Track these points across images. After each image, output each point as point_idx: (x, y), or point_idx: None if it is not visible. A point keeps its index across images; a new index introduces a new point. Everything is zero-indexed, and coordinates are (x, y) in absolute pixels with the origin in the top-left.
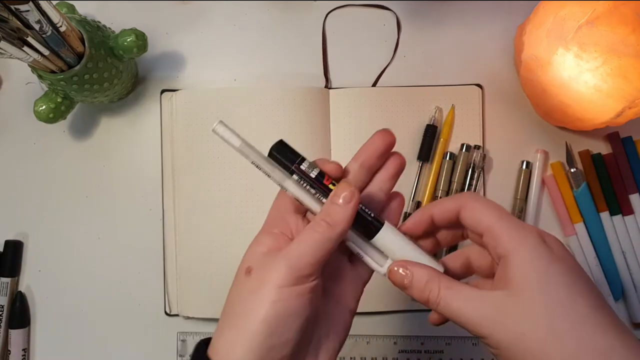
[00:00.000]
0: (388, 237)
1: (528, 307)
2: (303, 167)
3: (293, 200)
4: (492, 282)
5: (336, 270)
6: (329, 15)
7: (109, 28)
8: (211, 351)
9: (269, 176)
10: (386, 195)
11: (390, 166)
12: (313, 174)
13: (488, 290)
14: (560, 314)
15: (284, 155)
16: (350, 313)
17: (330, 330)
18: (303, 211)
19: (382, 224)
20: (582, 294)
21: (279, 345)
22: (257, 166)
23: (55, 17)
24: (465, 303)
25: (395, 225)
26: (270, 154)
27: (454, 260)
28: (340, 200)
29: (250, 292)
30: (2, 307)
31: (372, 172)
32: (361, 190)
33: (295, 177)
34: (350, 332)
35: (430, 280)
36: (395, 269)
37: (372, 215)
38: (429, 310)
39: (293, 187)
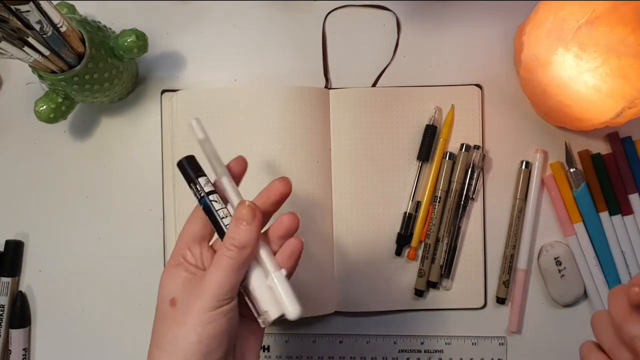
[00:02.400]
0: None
1: None
2: (202, 181)
3: (200, 228)
4: None
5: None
6: (329, 16)
7: (110, 28)
8: None
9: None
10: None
11: (280, 224)
12: (207, 189)
13: None
14: None
15: (191, 168)
16: (260, 330)
17: (249, 338)
18: (208, 238)
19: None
20: None
21: None
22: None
23: (55, 17)
24: None
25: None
26: (179, 164)
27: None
28: (244, 224)
29: (178, 322)
30: (3, 306)
31: (266, 216)
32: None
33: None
34: (350, 332)
35: None
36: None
37: None
38: (429, 310)
39: (227, 183)
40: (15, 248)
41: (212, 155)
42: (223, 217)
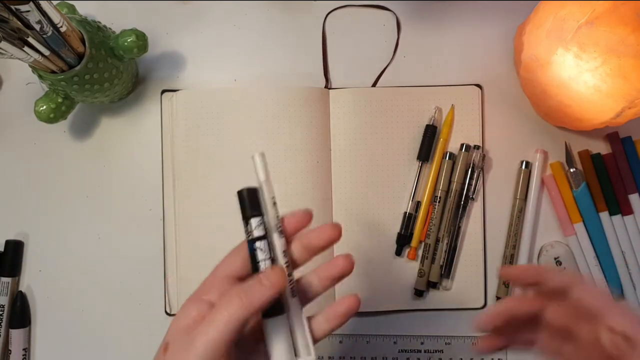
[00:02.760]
0: (279, 327)
1: None
2: (253, 222)
3: (241, 263)
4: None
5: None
6: (329, 16)
7: (110, 28)
8: None
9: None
10: (322, 290)
11: (336, 264)
12: (256, 233)
13: None
14: None
15: (250, 202)
16: None
17: None
18: (244, 277)
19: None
20: None
21: None
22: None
23: (55, 17)
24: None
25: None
26: (239, 194)
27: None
28: (266, 282)
29: None
30: (3, 306)
31: (310, 257)
32: (296, 266)
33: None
34: (350, 332)
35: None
36: None
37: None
38: (429, 310)
39: (277, 240)
40: (15, 248)
41: (269, 202)
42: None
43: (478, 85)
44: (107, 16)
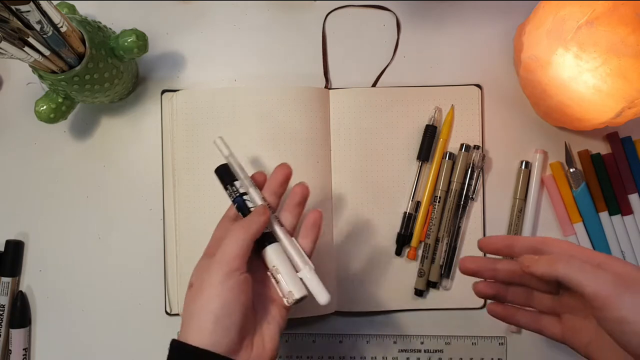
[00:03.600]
0: (274, 249)
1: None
2: (236, 184)
3: (229, 227)
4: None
5: (266, 279)
6: (329, 16)
7: (110, 28)
8: (184, 340)
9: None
10: (296, 218)
11: (295, 193)
12: (242, 190)
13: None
14: None
15: (226, 173)
16: (284, 307)
17: (270, 320)
18: None
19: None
20: None
21: (229, 325)
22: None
23: (56, 17)
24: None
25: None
26: (216, 170)
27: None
28: (256, 215)
29: (194, 298)
30: (3, 306)
31: (279, 196)
32: (273, 210)
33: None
34: (350, 332)
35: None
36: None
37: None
38: (429, 310)
39: (254, 195)
40: (15, 248)
41: (239, 168)
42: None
43: (478, 85)
44: (107, 16)
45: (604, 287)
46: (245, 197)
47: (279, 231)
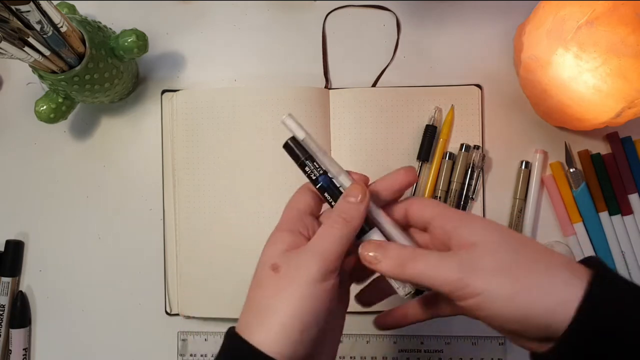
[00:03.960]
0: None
1: (488, 260)
2: (314, 164)
3: (311, 201)
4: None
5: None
6: (329, 16)
7: (110, 28)
8: (249, 337)
9: (315, 171)
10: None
11: (398, 178)
12: (320, 172)
13: (448, 252)
14: (516, 259)
15: (299, 149)
16: (344, 317)
17: (334, 332)
18: (317, 213)
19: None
20: (532, 241)
21: (313, 336)
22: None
23: (56, 17)
24: (430, 264)
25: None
26: (286, 145)
27: (395, 210)
28: (353, 199)
29: (279, 288)
30: (3, 306)
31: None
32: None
33: (307, 168)
34: (350, 332)
35: (401, 249)
36: (366, 250)
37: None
38: None
39: (345, 180)
40: (15, 248)
41: (319, 150)
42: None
43: (478, 85)
44: (107, 16)
45: (449, 274)
46: (329, 175)
47: (375, 212)
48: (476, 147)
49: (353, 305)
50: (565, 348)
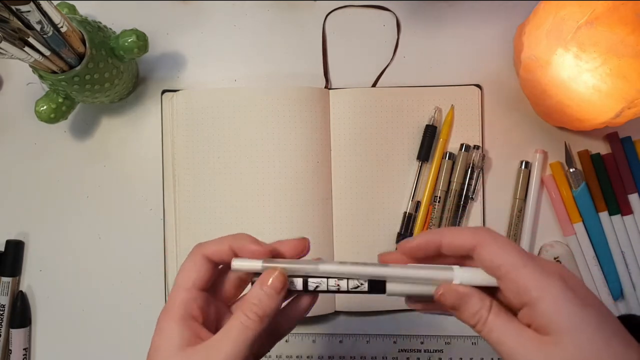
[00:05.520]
0: (396, 287)
1: (565, 353)
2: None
3: (205, 273)
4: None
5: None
6: (329, 16)
7: (110, 28)
8: None
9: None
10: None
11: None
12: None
13: (526, 328)
14: (597, 356)
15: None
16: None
17: None
18: (216, 286)
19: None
20: (615, 335)
21: None
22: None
23: (56, 17)
24: (507, 336)
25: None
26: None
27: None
28: (272, 291)
29: None
30: (3, 306)
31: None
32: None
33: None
34: (350, 332)
35: (481, 307)
36: (445, 292)
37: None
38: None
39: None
40: (15, 248)
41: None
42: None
43: (478, 86)
44: (107, 16)
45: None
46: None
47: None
48: (476, 147)
49: (353, 305)
50: None
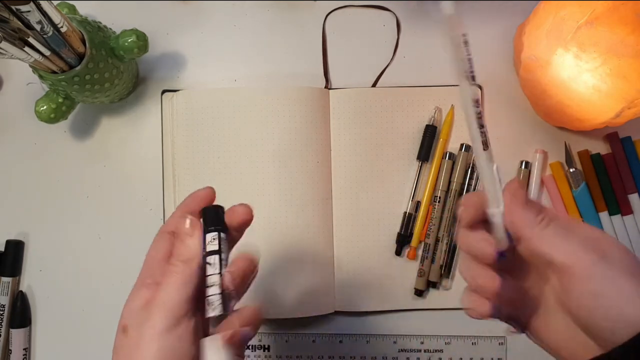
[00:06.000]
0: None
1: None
2: (208, 237)
3: (169, 247)
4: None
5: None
6: (329, 16)
7: (110, 28)
8: None
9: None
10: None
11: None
12: (209, 248)
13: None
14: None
15: (209, 219)
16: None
17: None
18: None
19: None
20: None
21: None
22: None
23: (56, 17)
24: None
25: None
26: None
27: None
28: (187, 237)
29: (131, 348)
30: (4, 306)
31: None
32: None
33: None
34: (350, 332)
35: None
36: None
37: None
38: (429, 310)
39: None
40: (15, 248)
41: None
42: (209, 286)
43: (478, 86)
44: (107, 16)
45: (575, 255)
46: (209, 258)
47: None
48: None
49: (353, 305)
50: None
